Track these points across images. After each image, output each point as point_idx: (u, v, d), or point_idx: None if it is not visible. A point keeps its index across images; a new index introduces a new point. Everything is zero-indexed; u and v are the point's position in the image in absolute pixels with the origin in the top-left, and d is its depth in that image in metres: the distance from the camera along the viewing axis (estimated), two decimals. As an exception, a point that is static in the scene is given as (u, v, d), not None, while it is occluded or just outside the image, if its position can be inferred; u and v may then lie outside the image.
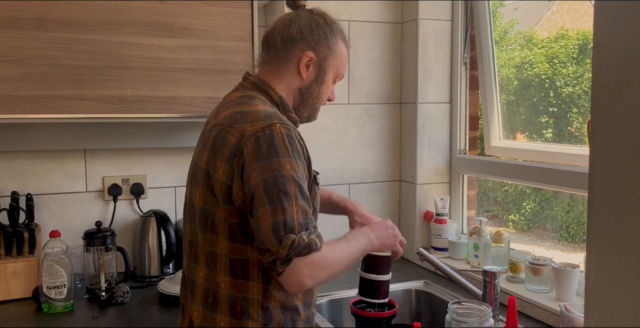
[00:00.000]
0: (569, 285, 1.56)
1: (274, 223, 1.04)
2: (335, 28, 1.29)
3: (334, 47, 1.28)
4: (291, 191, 1.07)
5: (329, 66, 1.29)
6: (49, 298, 1.60)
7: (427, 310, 1.86)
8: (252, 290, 1.13)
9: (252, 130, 1.09)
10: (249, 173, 1.07)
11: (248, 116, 1.13)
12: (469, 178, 2.19)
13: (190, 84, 1.70)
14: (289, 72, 1.27)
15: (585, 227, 1.92)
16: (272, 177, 1.06)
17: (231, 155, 1.10)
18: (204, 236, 1.16)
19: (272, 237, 1.04)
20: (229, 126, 1.13)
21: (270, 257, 1.05)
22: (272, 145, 1.08)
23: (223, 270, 1.14)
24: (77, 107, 1.59)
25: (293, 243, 1.04)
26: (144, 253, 1.91)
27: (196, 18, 1.69)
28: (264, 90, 1.25)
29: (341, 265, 1.14)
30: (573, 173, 1.60)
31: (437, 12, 2.13)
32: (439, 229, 2.11)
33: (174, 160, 2.04)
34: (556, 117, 1.99)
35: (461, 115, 2.18)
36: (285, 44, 1.25)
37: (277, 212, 1.05)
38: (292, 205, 1.06)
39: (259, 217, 1.06)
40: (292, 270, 1.05)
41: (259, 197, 1.06)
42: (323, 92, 1.31)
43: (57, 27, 1.55)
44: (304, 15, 1.27)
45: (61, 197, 1.91)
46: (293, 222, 1.05)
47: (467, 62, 2.15)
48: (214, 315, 1.15)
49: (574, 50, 1.97)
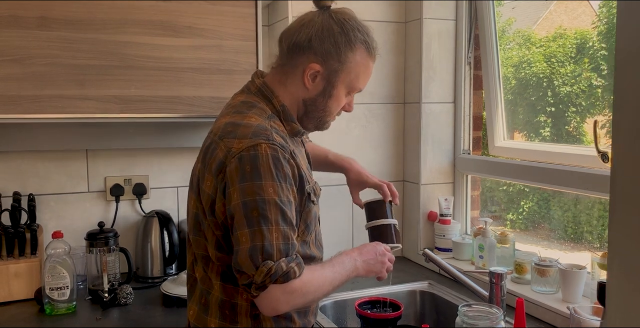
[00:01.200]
0: (576, 286, 1.55)
1: (252, 249, 1.01)
2: (353, 38, 1.15)
3: (346, 61, 1.16)
4: (271, 216, 1.03)
5: (339, 81, 1.17)
6: (51, 300, 1.58)
7: (432, 311, 1.85)
8: (241, 296, 1.12)
9: (237, 148, 1.05)
10: (230, 193, 1.04)
11: (238, 131, 1.08)
12: (472, 179, 2.18)
13: (194, 83, 1.69)
14: (295, 81, 1.18)
15: (584, 227, 1.93)
16: (252, 200, 1.02)
17: (217, 170, 1.08)
18: (196, 240, 1.17)
19: (249, 262, 1.01)
20: (220, 139, 1.10)
21: (246, 280, 1.03)
22: (255, 167, 1.03)
23: (214, 274, 1.14)
24: (80, 106, 1.58)
25: (270, 270, 1.00)
26: (147, 253, 1.90)
27: (200, 17, 1.67)
28: (267, 97, 1.19)
29: (321, 292, 1.11)
30: (577, 174, 1.59)
31: (441, 12, 2.12)
32: (443, 230, 2.10)
33: (176, 160, 2.03)
34: (554, 117, 1.99)
35: (465, 115, 2.17)
36: (292, 51, 1.16)
37: (256, 236, 1.02)
38: (271, 230, 1.02)
39: (238, 239, 1.03)
40: (267, 296, 1.02)
41: (237, 219, 1.03)
42: (331, 106, 1.20)
43: (60, 26, 1.54)
44: (321, 20, 1.15)
45: (63, 198, 1.90)
46: (272, 248, 1.02)
47: (471, 61, 2.14)
48: (205, 316, 1.16)
49: (571, 50, 1.96)
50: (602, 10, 1.88)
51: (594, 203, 1.90)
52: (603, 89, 1.84)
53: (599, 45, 1.87)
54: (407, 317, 1.85)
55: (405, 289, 1.87)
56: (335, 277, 1.14)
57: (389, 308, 1.63)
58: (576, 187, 1.61)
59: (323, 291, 1.11)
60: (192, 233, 1.17)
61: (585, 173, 1.57)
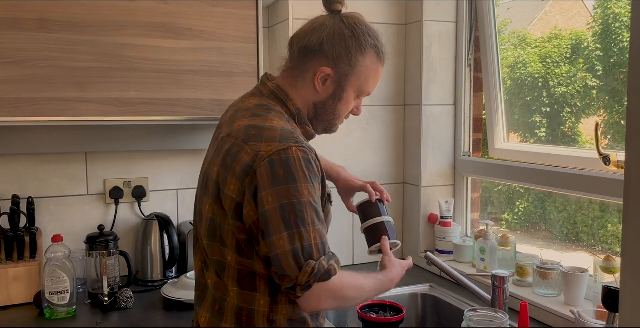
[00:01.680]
0: (578, 289, 1.55)
1: (294, 251, 1.03)
2: (364, 42, 1.16)
3: (357, 65, 1.17)
4: (308, 217, 1.04)
5: (349, 84, 1.19)
6: (51, 304, 1.57)
7: (433, 314, 1.84)
8: (258, 302, 1.11)
9: (266, 152, 1.05)
10: (264, 196, 1.03)
11: (264, 134, 1.08)
12: (472, 181, 2.18)
13: (194, 86, 1.68)
14: (306, 84, 1.19)
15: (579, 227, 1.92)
16: (289, 204, 1.03)
17: (243, 173, 1.06)
18: (212, 245, 1.14)
19: (293, 264, 1.03)
20: (244, 142, 1.08)
21: (290, 282, 1.04)
22: (289, 170, 1.04)
23: (231, 280, 1.12)
24: (79, 109, 1.57)
25: (313, 270, 1.03)
26: (147, 257, 1.88)
27: (200, 19, 1.66)
28: (282, 100, 1.19)
29: (356, 299, 1.17)
30: (578, 177, 1.59)
31: (442, 14, 2.12)
32: (443, 232, 2.10)
33: (176, 163, 2.02)
34: (549, 117, 1.99)
35: (465, 117, 2.16)
36: (303, 55, 1.17)
37: (295, 238, 1.03)
38: (309, 231, 1.04)
39: (275, 244, 1.03)
40: (311, 295, 1.05)
41: (274, 222, 1.03)
42: (340, 109, 1.22)
43: (59, 28, 1.52)
44: (332, 24, 1.16)
45: (62, 200, 1.88)
46: (311, 248, 1.04)
47: (471, 63, 2.14)
48: (219, 323, 1.13)
49: (567, 50, 1.96)
50: (596, 11, 1.88)
51: (590, 203, 1.90)
52: (598, 89, 1.84)
53: (594, 46, 1.87)
54: (409, 320, 1.84)
55: (407, 292, 1.86)
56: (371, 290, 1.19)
57: (391, 311, 1.62)
58: (577, 189, 1.61)
59: (358, 296, 1.16)
60: (207, 239, 1.14)
61: (586, 175, 1.57)
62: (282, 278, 1.05)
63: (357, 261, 2.20)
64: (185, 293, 1.66)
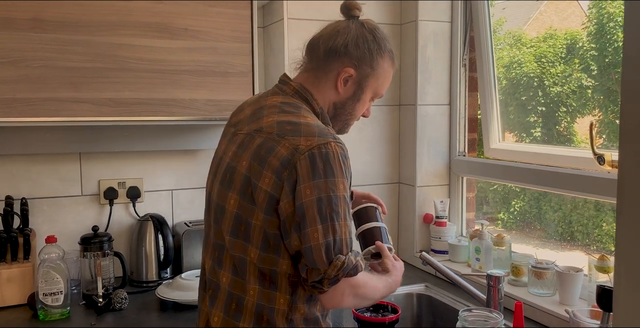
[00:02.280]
0: (573, 289, 1.55)
1: (327, 244, 1.05)
2: (383, 46, 1.24)
3: (377, 67, 1.23)
4: (342, 211, 1.07)
5: (369, 85, 1.24)
6: (45, 305, 1.56)
7: (429, 314, 1.84)
8: (279, 301, 1.12)
9: (306, 145, 1.07)
10: (302, 189, 1.05)
11: (301, 129, 1.10)
12: (468, 181, 2.18)
13: (189, 86, 1.68)
14: (328, 85, 1.23)
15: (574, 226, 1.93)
16: (326, 197, 1.05)
17: (281, 167, 1.07)
18: (235, 242, 1.13)
19: (324, 257, 1.05)
20: (280, 136, 1.10)
21: (318, 275, 1.06)
22: (329, 164, 1.07)
23: (252, 278, 1.12)
24: (74, 109, 1.56)
25: (343, 264, 1.05)
26: (141, 258, 1.88)
27: (195, 19, 1.66)
28: (306, 99, 1.21)
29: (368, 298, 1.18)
30: (572, 176, 1.59)
31: (437, 14, 2.12)
32: (438, 232, 2.10)
33: (171, 163, 2.01)
34: (545, 117, 1.99)
35: (460, 117, 2.17)
36: (328, 55, 1.21)
37: (329, 232, 1.05)
38: (341, 225, 1.07)
39: (309, 236, 1.05)
40: (336, 290, 1.08)
41: (310, 215, 1.05)
42: (357, 109, 1.27)
43: (54, 28, 1.52)
44: (354, 27, 1.22)
45: (56, 201, 1.87)
46: (342, 242, 1.06)
47: (466, 63, 2.14)
48: (236, 322, 1.12)
49: (562, 50, 1.97)
50: (591, 11, 1.89)
51: (584, 203, 1.91)
52: (593, 89, 1.85)
53: (588, 46, 1.88)
54: (405, 320, 1.85)
55: (402, 292, 1.86)
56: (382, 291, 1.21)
57: (387, 311, 1.62)
58: (571, 189, 1.62)
59: (371, 296, 1.18)
60: (230, 234, 1.14)
61: (580, 175, 1.57)
62: (309, 272, 1.06)
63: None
64: (181, 294, 1.66)
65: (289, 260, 1.11)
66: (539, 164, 1.77)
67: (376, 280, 1.20)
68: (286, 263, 1.11)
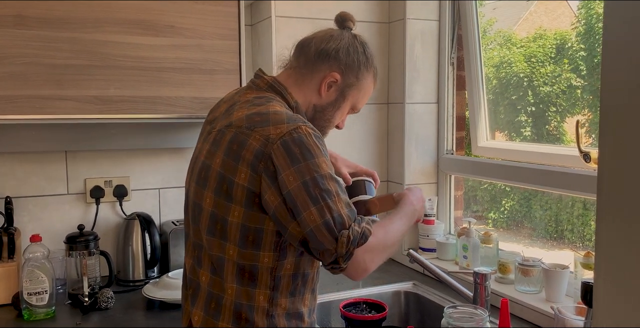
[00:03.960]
0: (559, 286, 1.56)
1: (326, 223, 1.04)
2: (371, 62, 1.27)
3: (362, 79, 1.26)
4: (332, 188, 1.06)
5: (350, 95, 1.26)
6: (29, 305, 1.55)
7: (416, 311, 1.85)
8: (258, 298, 1.11)
9: (277, 134, 1.06)
10: (285, 177, 1.04)
11: (269, 118, 1.09)
12: (455, 179, 2.18)
13: (175, 83, 1.66)
14: (311, 86, 1.23)
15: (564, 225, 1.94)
16: (311, 179, 1.05)
17: (256, 160, 1.06)
18: (212, 241, 1.13)
19: (329, 236, 1.04)
20: (249, 129, 1.09)
21: (331, 256, 1.05)
22: (304, 147, 1.06)
23: (230, 277, 1.11)
24: (58, 107, 1.54)
25: (349, 238, 1.04)
26: (128, 257, 1.87)
27: (182, 16, 1.65)
28: (280, 93, 1.21)
29: (396, 242, 1.17)
30: (559, 174, 1.60)
31: (425, 12, 2.12)
32: (426, 230, 2.10)
33: (158, 162, 2.00)
34: (534, 116, 2.00)
35: (448, 115, 2.17)
36: (318, 57, 1.22)
37: (324, 211, 1.04)
38: (335, 201, 1.06)
39: (306, 220, 1.04)
40: (355, 262, 1.06)
41: (301, 200, 1.04)
42: (336, 117, 1.28)
43: (38, 25, 1.50)
44: (348, 36, 1.25)
45: (41, 200, 1.86)
46: (341, 217, 1.05)
47: (454, 62, 2.15)
48: (215, 321, 1.12)
49: (551, 50, 1.98)
50: (580, 12, 1.90)
51: (574, 202, 1.92)
52: (582, 89, 1.86)
53: (577, 46, 1.88)
54: (392, 318, 1.85)
55: (390, 290, 1.87)
56: (403, 228, 1.21)
57: (374, 309, 1.62)
58: (558, 186, 1.62)
59: (397, 241, 1.18)
60: (207, 233, 1.13)
61: (567, 173, 1.58)
62: (322, 254, 1.06)
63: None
64: (167, 292, 1.65)
65: (270, 252, 1.10)
66: (526, 162, 1.78)
67: (390, 224, 1.18)
68: (268, 256, 1.10)
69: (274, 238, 1.10)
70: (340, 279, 1.96)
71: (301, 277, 1.17)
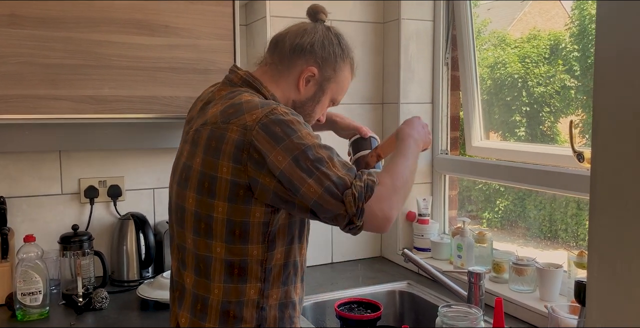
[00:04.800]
0: (553, 285, 1.57)
1: (327, 190, 1.03)
2: (347, 53, 1.26)
3: (339, 72, 1.25)
4: (323, 155, 1.05)
5: (329, 88, 1.26)
6: (23, 305, 1.54)
7: (411, 311, 1.85)
8: (248, 293, 1.11)
9: (253, 120, 1.05)
10: (274, 158, 1.04)
11: (242, 108, 1.09)
12: (450, 179, 2.19)
13: (170, 83, 1.66)
14: (288, 82, 1.23)
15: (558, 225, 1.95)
16: (299, 152, 1.04)
17: (238, 151, 1.05)
18: (198, 240, 1.12)
19: (335, 202, 1.03)
20: (225, 123, 1.08)
21: (344, 219, 1.04)
22: (285, 124, 1.05)
23: (218, 276, 1.11)
24: (52, 107, 1.54)
25: (354, 196, 1.03)
26: (122, 257, 1.86)
27: (177, 16, 1.65)
28: (255, 87, 1.20)
29: (408, 181, 1.15)
30: (553, 173, 1.61)
31: (419, 12, 2.13)
32: (421, 229, 2.11)
33: (152, 161, 1.99)
34: (529, 117, 2.01)
35: (443, 115, 2.18)
36: (293, 52, 1.21)
37: (322, 180, 1.03)
38: (330, 166, 1.05)
39: (307, 194, 1.03)
40: (370, 215, 1.05)
41: (296, 176, 1.03)
42: (317, 111, 1.28)
43: (32, 24, 1.50)
44: (321, 29, 1.24)
45: (35, 200, 1.85)
46: (341, 179, 1.04)
47: (448, 62, 2.15)
48: (202, 322, 1.12)
49: (545, 51, 1.99)
50: (574, 12, 1.91)
51: (568, 201, 1.93)
52: (576, 89, 1.87)
53: (571, 47, 1.89)
54: (387, 317, 1.85)
55: (385, 289, 1.87)
56: (409, 163, 1.19)
57: (369, 309, 1.63)
58: (552, 186, 1.63)
59: (409, 179, 1.16)
60: (193, 234, 1.13)
61: (561, 172, 1.59)
62: (335, 220, 1.05)
63: (336, 259, 2.20)
64: (162, 293, 1.64)
65: (259, 245, 1.10)
66: (520, 162, 1.79)
67: (394, 165, 1.17)
68: (256, 248, 1.10)
69: (262, 229, 1.10)
70: (334, 279, 1.97)
71: (292, 265, 1.17)
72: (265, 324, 1.13)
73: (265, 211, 1.09)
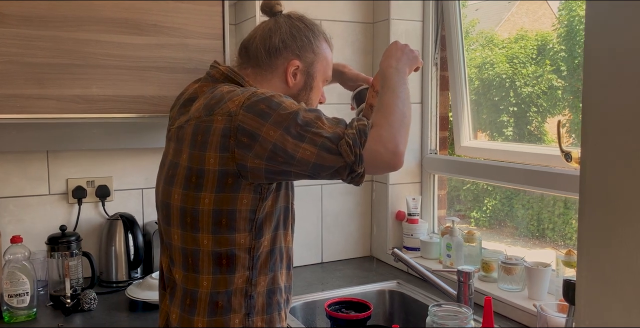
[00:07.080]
0: (541, 283, 1.58)
1: (323, 147, 1.02)
2: (316, 30, 1.27)
3: (319, 51, 1.26)
4: (309, 117, 1.05)
5: (317, 71, 1.27)
6: (10, 307, 1.53)
7: (400, 310, 1.86)
8: (236, 282, 1.12)
9: (236, 105, 1.06)
10: (265, 134, 1.03)
11: (224, 97, 1.09)
12: (439, 178, 2.20)
13: (158, 82, 1.65)
14: (275, 81, 1.24)
15: (546, 224, 1.97)
16: (289, 122, 1.03)
17: (224, 138, 1.05)
18: (184, 235, 1.12)
19: (332, 156, 1.02)
20: (209, 115, 1.08)
21: (345, 169, 1.03)
22: (268, 100, 1.06)
23: (206, 268, 1.11)
24: (39, 106, 1.52)
25: (349, 144, 1.02)
26: (111, 257, 1.85)
27: (165, 15, 1.64)
28: (237, 82, 1.20)
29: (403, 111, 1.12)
30: (541, 173, 1.62)
31: (409, 13, 2.13)
32: (411, 229, 2.11)
33: (141, 161, 1.98)
34: (516, 116, 2.03)
35: (432, 115, 2.18)
36: (269, 55, 1.22)
37: (315, 140, 1.03)
38: (319, 126, 1.04)
39: (304, 158, 1.03)
40: (373, 157, 1.04)
41: (290, 145, 1.03)
42: (313, 98, 1.29)
43: (18, 23, 1.48)
44: (283, 22, 1.24)
45: (23, 201, 1.83)
46: (333, 133, 1.03)
47: (437, 62, 2.16)
48: (190, 317, 1.13)
49: (533, 51, 2.00)
50: (561, 13, 1.92)
51: (555, 200, 1.95)
52: (563, 90, 1.88)
53: (558, 47, 1.91)
54: (377, 317, 1.86)
55: (374, 289, 1.87)
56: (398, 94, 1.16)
57: (359, 308, 1.63)
58: (540, 185, 1.64)
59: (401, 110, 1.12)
60: (180, 229, 1.13)
61: (549, 172, 1.60)
62: (337, 173, 1.04)
63: (326, 259, 2.20)
64: (151, 293, 1.63)
65: (246, 233, 1.10)
66: (508, 162, 1.80)
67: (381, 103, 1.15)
68: (244, 237, 1.10)
69: (248, 216, 1.10)
70: (324, 279, 1.97)
71: (278, 251, 1.18)
72: (254, 312, 1.14)
73: (253, 197, 1.09)
